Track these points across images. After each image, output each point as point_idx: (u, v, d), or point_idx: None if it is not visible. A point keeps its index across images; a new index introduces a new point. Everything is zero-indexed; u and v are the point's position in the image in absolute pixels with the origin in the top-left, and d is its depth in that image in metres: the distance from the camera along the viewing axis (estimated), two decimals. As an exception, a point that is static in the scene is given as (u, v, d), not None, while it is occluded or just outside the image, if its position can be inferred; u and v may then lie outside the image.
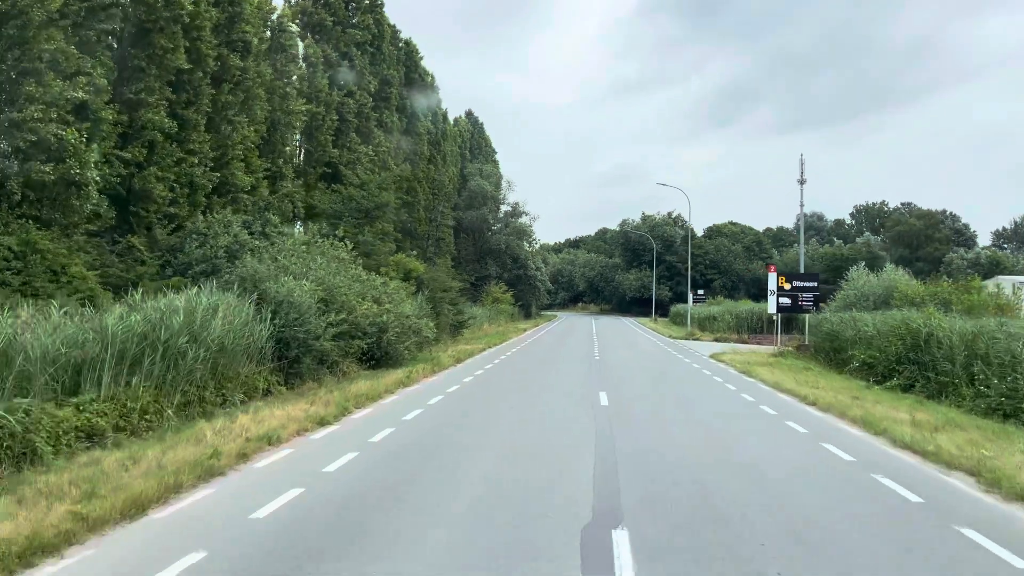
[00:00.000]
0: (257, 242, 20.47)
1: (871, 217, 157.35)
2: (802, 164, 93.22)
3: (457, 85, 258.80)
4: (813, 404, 15.15)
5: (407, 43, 51.74)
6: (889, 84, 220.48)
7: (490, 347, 31.92)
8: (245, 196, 26.41)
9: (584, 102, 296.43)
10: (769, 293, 41.56)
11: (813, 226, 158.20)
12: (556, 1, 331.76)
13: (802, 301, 40.78)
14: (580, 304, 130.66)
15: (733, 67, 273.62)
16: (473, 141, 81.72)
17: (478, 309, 51.41)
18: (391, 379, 17.30)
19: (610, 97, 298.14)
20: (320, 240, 22.84)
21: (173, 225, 21.55)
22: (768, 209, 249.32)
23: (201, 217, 20.49)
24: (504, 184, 75.94)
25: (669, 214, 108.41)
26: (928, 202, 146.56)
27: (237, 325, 13.80)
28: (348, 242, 24.30)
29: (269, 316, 15.39)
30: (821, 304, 44.71)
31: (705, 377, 21.51)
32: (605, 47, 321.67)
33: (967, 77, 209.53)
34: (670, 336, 45.20)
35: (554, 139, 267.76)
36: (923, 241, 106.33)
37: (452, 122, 77.37)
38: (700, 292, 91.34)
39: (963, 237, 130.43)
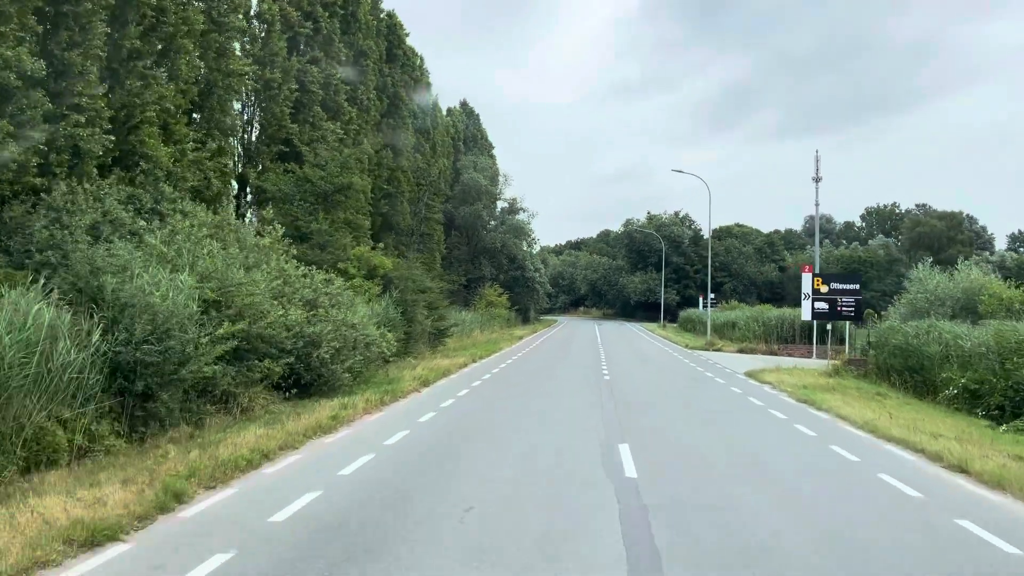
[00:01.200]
0: (143, 222, 14.81)
1: (882, 219, 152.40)
2: (817, 161, 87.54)
3: (457, 84, 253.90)
4: (962, 471, 9.45)
5: (390, 16, 46.11)
6: (893, 87, 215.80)
7: (475, 361, 26.28)
8: (160, 171, 20.75)
9: (585, 102, 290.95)
10: (803, 297, 35.88)
11: (822, 228, 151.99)
12: (558, 1, 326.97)
13: (841, 306, 35.07)
14: (582, 308, 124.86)
15: (735, 69, 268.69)
16: (468, 133, 76.11)
17: (468, 314, 45.76)
18: (308, 421, 11.61)
19: (611, 98, 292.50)
20: (242, 224, 17.20)
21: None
22: (772, 212, 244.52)
23: (62, 187, 14.77)
24: (501, 178, 70.35)
25: (676, 213, 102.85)
26: (938, 205, 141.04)
27: (9, 345, 8.14)
28: (279, 225, 18.65)
29: (99, 329, 9.74)
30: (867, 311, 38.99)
31: (756, 410, 15.83)
32: (606, 48, 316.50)
33: (971, 79, 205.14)
34: (686, 346, 39.54)
35: (554, 139, 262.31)
36: (944, 243, 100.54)
37: (444, 112, 71.87)
38: (711, 296, 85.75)
39: (981, 240, 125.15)
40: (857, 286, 35.27)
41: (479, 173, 66.11)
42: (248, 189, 29.59)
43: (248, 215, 28.73)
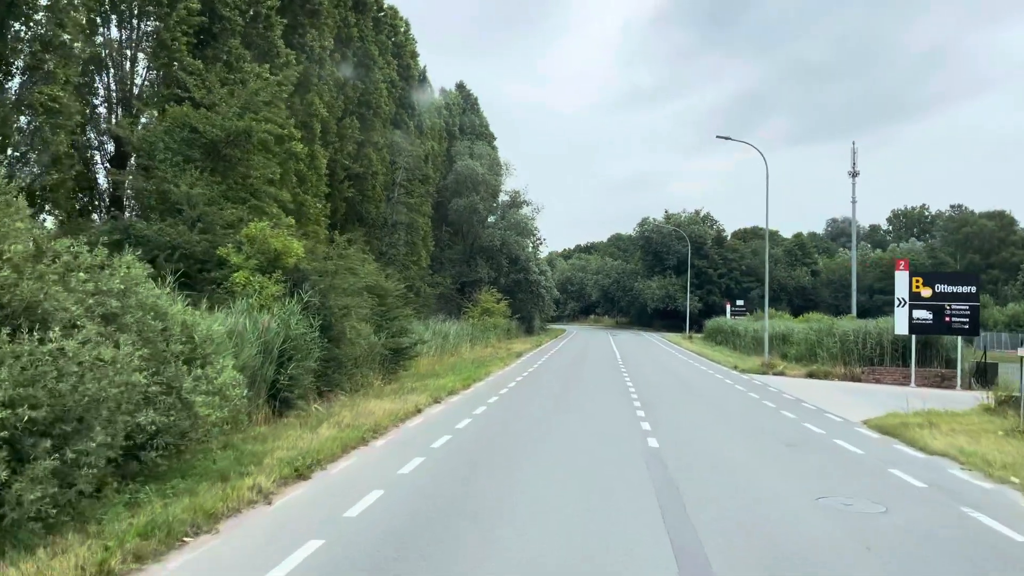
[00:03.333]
0: None
1: (911, 222, 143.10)
2: (854, 154, 77.28)
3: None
4: None
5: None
6: (905, 94, 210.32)
7: (437, 402, 17.31)
8: None
9: (595, 109, 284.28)
10: (896, 303, 26.73)
11: (844, 231, 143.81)
12: (571, 9, 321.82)
13: (951, 316, 25.93)
14: (592, 316, 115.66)
15: (746, 77, 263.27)
16: (465, 119, 67.31)
17: (452, 326, 36.81)
18: None
19: (622, 105, 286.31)
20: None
21: None
22: (788, 219, 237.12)
23: None
24: (502, 168, 61.33)
25: (697, 212, 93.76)
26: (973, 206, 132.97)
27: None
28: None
29: None
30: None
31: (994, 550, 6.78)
32: (617, 55, 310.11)
33: (984, 87, 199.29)
34: (735, 367, 30.38)
35: (564, 145, 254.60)
36: (996, 245, 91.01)
37: (437, 93, 63.07)
38: (739, 304, 76.50)
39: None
40: (973, 288, 26.12)
41: (476, 160, 57.16)
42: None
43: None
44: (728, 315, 71.72)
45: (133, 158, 19.65)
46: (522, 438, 12.55)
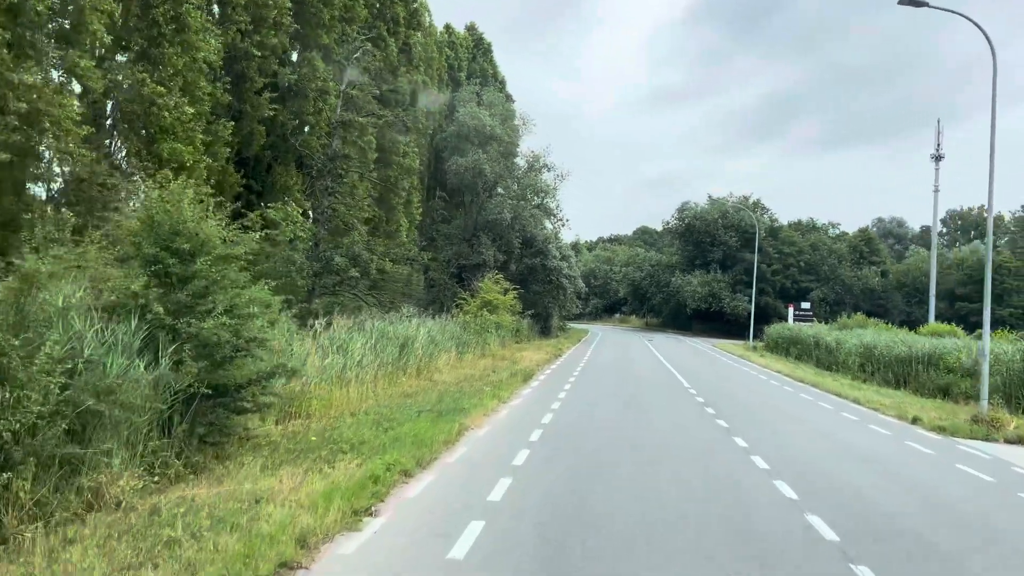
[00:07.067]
0: None
1: (968, 224, 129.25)
2: (939, 134, 63.07)
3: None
4: None
5: None
6: (941, 102, 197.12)
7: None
8: None
9: (623, 109, 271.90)
10: None
11: (893, 233, 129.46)
12: (601, 8, 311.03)
13: None
14: (618, 315, 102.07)
15: (779, 79, 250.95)
16: (474, 67, 54.26)
17: (429, 325, 23.84)
18: None
19: (652, 104, 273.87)
20: None
21: None
22: (823, 221, 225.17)
23: None
24: (519, 122, 48.11)
25: (746, 197, 79.91)
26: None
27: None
28: None
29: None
30: None
31: None
32: (649, 54, 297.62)
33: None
34: (915, 422, 16.89)
35: (593, 144, 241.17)
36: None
37: (442, 29, 50.02)
38: (805, 307, 62.81)
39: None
40: None
41: (484, 110, 44.05)
42: None
43: None
44: (791, 320, 58.28)
45: None
46: None
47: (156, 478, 7.79)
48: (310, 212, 24.48)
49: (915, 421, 16.65)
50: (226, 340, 8.67)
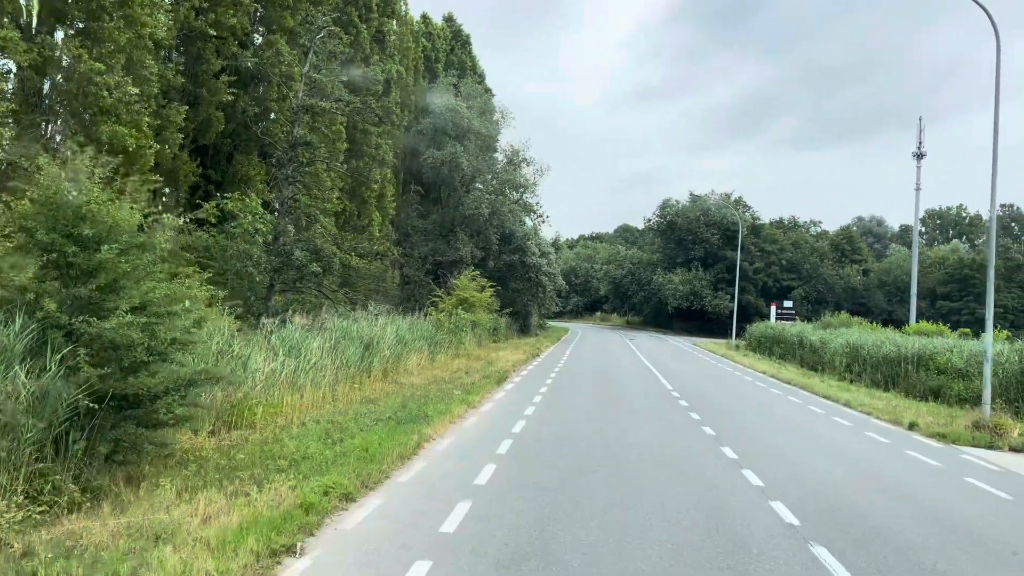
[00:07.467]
0: None
1: (946, 223, 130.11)
2: (920, 131, 63.29)
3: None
4: None
5: None
6: (918, 103, 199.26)
7: None
8: None
9: (603, 106, 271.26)
10: None
11: (872, 231, 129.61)
12: (581, 5, 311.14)
13: None
14: (599, 313, 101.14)
15: (758, 78, 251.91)
16: (452, 59, 52.90)
17: (403, 323, 22.59)
18: None
19: (631, 103, 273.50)
20: None
21: None
22: (804, 220, 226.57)
23: None
24: (497, 116, 46.90)
25: (727, 195, 79.08)
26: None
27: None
28: None
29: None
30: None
31: None
32: (628, 53, 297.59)
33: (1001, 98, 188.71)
34: (912, 427, 15.75)
35: (574, 141, 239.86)
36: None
37: (418, 18, 48.63)
38: (788, 305, 62.09)
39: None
40: None
41: (462, 102, 42.79)
42: None
43: None
44: (773, 318, 57.52)
45: None
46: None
47: (42, 508, 6.51)
48: (277, 204, 23.10)
49: (912, 427, 15.62)
50: (138, 342, 7.37)
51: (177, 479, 7.88)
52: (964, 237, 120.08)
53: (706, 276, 71.79)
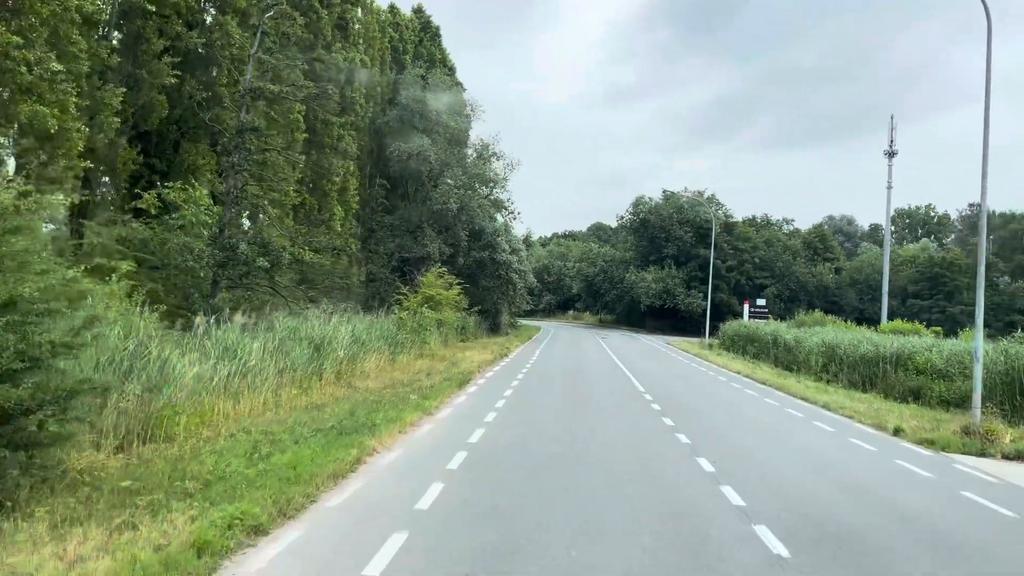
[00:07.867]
0: None
1: (916, 222, 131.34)
2: (892, 129, 63.05)
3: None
4: None
5: None
6: (889, 104, 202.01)
7: None
8: None
9: (577, 104, 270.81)
10: None
11: (843, 230, 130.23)
12: (554, 4, 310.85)
13: None
14: (572, 312, 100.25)
15: (730, 79, 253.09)
16: (421, 51, 51.52)
17: (360, 322, 21.31)
18: None
19: (604, 103, 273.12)
20: None
21: None
22: (777, 218, 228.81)
23: None
24: (467, 109, 45.67)
25: (700, 192, 78.52)
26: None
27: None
28: None
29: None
30: None
31: None
32: (601, 52, 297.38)
33: (968, 100, 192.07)
34: (897, 432, 14.87)
35: (542, 138, 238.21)
36: (1051, 245, 77.14)
37: (386, 8, 47.20)
38: (761, 303, 61.55)
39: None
40: None
41: (430, 93, 41.50)
42: None
43: None
44: (746, 317, 56.92)
45: None
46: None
47: None
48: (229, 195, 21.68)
49: (897, 432, 14.71)
50: (3, 346, 6.09)
51: (60, 507, 6.63)
52: (932, 236, 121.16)
53: (679, 274, 71.16)
